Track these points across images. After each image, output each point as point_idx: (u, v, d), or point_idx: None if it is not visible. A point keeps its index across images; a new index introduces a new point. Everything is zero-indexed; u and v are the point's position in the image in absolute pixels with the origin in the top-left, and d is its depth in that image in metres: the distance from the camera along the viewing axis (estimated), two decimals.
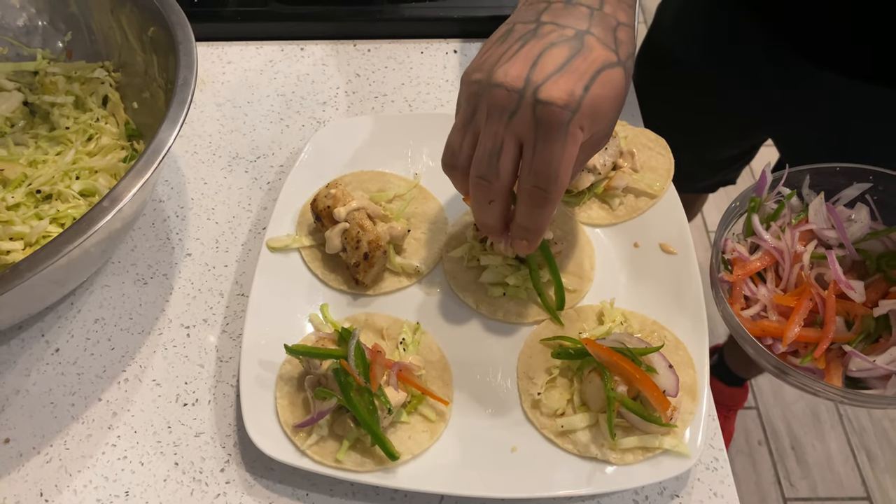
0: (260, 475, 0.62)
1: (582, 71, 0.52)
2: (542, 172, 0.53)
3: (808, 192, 0.69)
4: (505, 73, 0.52)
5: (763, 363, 0.62)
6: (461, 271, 0.71)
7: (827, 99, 0.89)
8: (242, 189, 0.81)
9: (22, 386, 0.67)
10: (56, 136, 0.78)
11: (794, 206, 0.69)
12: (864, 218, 0.66)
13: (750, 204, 0.68)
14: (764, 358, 0.61)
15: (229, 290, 0.73)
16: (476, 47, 0.95)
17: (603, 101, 0.52)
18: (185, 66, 0.66)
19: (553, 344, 0.66)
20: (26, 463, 0.62)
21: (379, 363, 0.59)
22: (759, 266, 0.65)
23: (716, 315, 0.67)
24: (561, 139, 0.51)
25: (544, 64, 0.52)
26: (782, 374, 0.60)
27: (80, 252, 0.58)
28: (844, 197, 0.68)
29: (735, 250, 0.66)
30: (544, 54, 0.52)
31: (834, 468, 1.79)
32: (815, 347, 0.60)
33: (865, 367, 0.58)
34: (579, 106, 0.51)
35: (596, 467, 0.59)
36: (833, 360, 0.61)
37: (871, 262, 0.64)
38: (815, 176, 0.68)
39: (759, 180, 0.67)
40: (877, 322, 0.61)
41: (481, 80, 0.54)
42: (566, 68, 0.52)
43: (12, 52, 0.82)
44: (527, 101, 0.51)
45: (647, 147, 0.79)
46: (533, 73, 0.51)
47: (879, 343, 0.61)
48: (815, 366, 0.60)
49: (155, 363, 0.68)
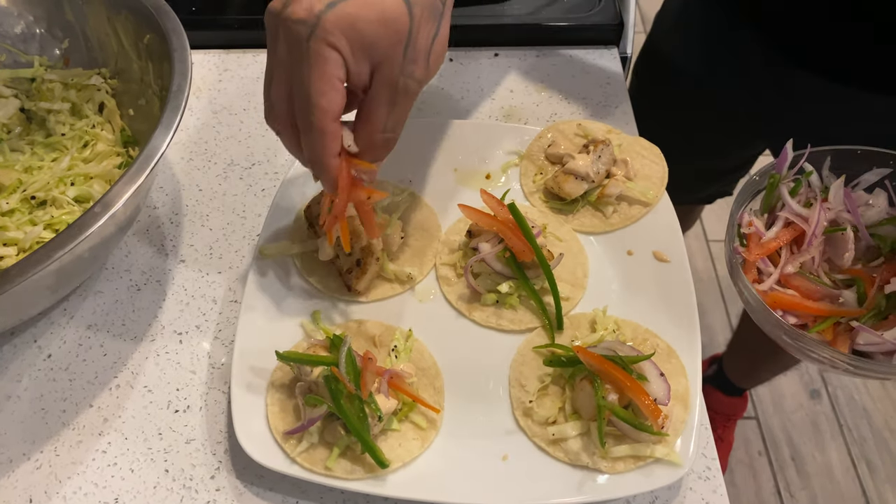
0: (250, 482, 0.61)
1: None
2: (298, 94, 0.52)
3: (828, 174, 0.70)
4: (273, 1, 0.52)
5: (775, 333, 0.62)
6: (454, 278, 0.71)
7: (825, 108, 0.89)
8: (237, 196, 0.81)
9: (13, 392, 0.67)
10: (52, 143, 0.78)
11: (814, 186, 0.70)
12: (882, 203, 0.67)
13: (769, 180, 0.68)
14: (776, 327, 0.61)
15: (222, 296, 0.73)
16: (472, 56, 0.96)
17: (357, 20, 0.50)
18: (179, 73, 0.67)
19: (545, 352, 0.65)
20: (16, 469, 0.62)
21: (370, 370, 0.59)
22: (777, 244, 0.66)
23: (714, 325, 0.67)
24: (305, 58, 0.51)
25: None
26: (794, 341, 0.60)
27: (72, 257, 0.58)
28: (864, 182, 0.69)
29: (752, 224, 0.67)
30: None
31: (834, 478, 1.78)
32: (826, 319, 0.62)
33: (873, 341, 0.60)
34: (319, 20, 0.50)
35: (587, 476, 0.59)
36: (841, 333, 0.62)
37: (886, 246, 0.66)
38: (836, 158, 0.69)
39: (780, 156, 0.68)
40: (887, 300, 0.62)
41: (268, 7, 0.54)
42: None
43: (10, 58, 0.83)
44: (281, 25, 0.51)
45: (640, 155, 0.79)
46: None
47: (889, 320, 0.62)
48: (823, 338, 0.62)
49: (147, 369, 0.68)
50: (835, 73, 0.84)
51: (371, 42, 0.52)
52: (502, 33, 0.97)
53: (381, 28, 0.52)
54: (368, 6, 0.51)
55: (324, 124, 0.53)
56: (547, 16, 0.97)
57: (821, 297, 0.64)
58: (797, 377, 1.93)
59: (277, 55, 0.53)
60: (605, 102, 0.90)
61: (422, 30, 0.54)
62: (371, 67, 0.54)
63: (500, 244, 0.68)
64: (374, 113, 0.56)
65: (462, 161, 0.80)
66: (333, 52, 0.51)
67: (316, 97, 0.52)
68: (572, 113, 0.89)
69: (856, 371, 0.59)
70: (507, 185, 0.79)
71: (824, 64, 0.85)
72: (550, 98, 0.90)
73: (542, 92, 0.91)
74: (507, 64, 0.95)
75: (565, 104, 0.90)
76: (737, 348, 1.65)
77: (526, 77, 0.93)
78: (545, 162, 0.79)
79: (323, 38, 0.50)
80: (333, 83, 0.52)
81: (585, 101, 0.90)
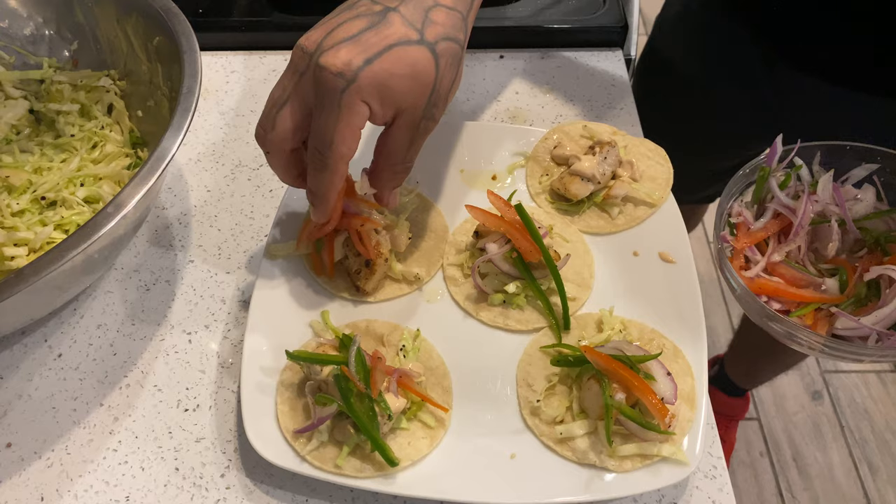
0: (260, 480, 0.62)
1: (371, 44, 0.53)
2: (319, 136, 0.55)
3: (818, 168, 0.71)
4: (307, 38, 0.55)
5: (759, 318, 0.65)
6: (461, 279, 0.72)
7: (826, 109, 0.89)
8: (245, 196, 0.82)
9: (24, 391, 0.67)
10: (61, 144, 0.79)
11: (804, 179, 0.71)
12: (870, 198, 0.69)
13: (759, 173, 0.70)
14: (759, 312, 0.64)
15: (231, 296, 0.74)
16: (477, 58, 0.96)
17: (390, 77, 0.53)
18: (189, 75, 0.67)
19: (552, 351, 0.66)
20: (28, 467, 0.63)
21: (379, 369, 0.59)
22: (765, 234, 0.68)
23: (716, 325, 0.69)
24: (335, 107, 0.53)
25: (338, 32, 0.54)
26: (775, 325, 0.63)
27: (84, 258, 0.58)
28: (853, 177, 0.71)
29: (741, 214, 0.69)
30: (343, 24, 0.54)
31: (836, 480, 1.78)
32: (808, 304, 0.65)
33: (850, 326, 0.62)
34: (356, 77, 0.52)
35: (594, 474, 0.59)
36: (821, 319, 0.64)
37: (871, 238, 0.68)
38: (826, 153, 0.71)
39: (770, 150, 0.70)
40: (868, 288, 0.65)
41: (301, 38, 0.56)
42: (355, 39, 0.53)
43: (19, 60, 0.84)
44: (312, 64, 0.53)
45: (646, 157, 0.80)
46: (326, 40, 0.54)
47: (867, 307, 0.64)
48: (804, 322, 0.64)
49: (157, 369, 0.69)
50: (835, 75, 0.85)
51: (400, 95, 0.55)
52: (507, 35, 0.97)
53: (411, 82, 0.55)
54: (401, 62, 0.54)
55: (337, 167, 0.57)
56: (551, 18, 0.97)
57: (805, 285, 0.66)
58: (798, 378, 1.94)
59: (300, 90, 0.55)
60: (609, 104, 0.90)
61: (445, 78, 0.57)
62: (395, 113, 0.57)
63: (507, 245, 0.69)
64: (395, 149, 0.60)
65: (468, 162, 0.81)
66: (364, 107, 0.54)
67: (338, 144, 0.55)
68: (577, 114, 0.89)
69: (831, 352, 0.62)
70: (514, 186, 0.79)
71: (824, 66, 0.85)
72: (555, 100, 0.91)
73: (548, 94, 0.92)
74: (512, 66, 0.95)
75: (570, 106, 0.90)
76: (738, 349, 1.65)
77: (531, 79, 0.94)
78: (551, 163, 0.80)
79: (357, 93, 0.53)
80: (356, 133, 0.56)
81: (590, 103, 0.90)
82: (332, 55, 0.53)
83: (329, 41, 0.53)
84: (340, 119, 0.54)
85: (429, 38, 0.55)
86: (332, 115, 0.54)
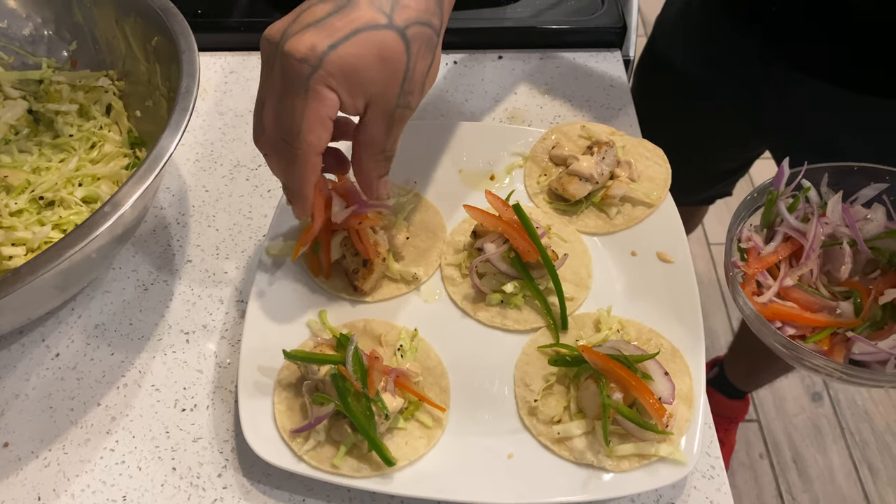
0: (257, 480, 0.62)
1: (335, 28, 0.51)
2: (285, 125, 0.53)
3: (826, 189, 0.71)
4: (272, 27, 0.53)
5: (773, 344, 0.63)
6: (459, 278, 0.72)
7: (825, 111, 0.89)
8: (243, 196, 0.82)
9: (21, 390, 0.67)
10: (60, 144, 0.79)
11: (812, 201, 0.70)
12: (881, 217, 0.68)
13: (767, 196, 0.69)
14: (774, 338, 0.62)
15: (229, 296, 0.74)
16: (476, 58, 0.97)
17: (357, 61, 0.51)
18: (187, 75, 0.67)
19: (550, 351, 0.66)
20: (25, 467, 0.63)
21: (377, 369, 0.59)
22: (776, 258, 0.67)
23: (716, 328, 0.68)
24: (301, 94, 0.51)
25: (303, 18, 0.52)
26: (790, 351, 0.61)
27: (81, 257, 0.58)
28: (862, 196, 0.70)
29: (751, 239, 0.68)
30: (309, 9, 0.52)
31: (836, 482, 1.78)
32: (823, 329, 0.63)
33: (867, 351, 0.61)
34: (320, 62, 0.50)
35: (592, 474, 0.59)
36: (837, 343, 0.63)
37: (884, 258, 0.67)
38: (834, 174, 0.70)
39: (777, 173, 0.69)
40: (883, 311, 0.63)
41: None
42: (321, 24, 0.51)
43: (18, 60, 0.84)
44: (278, 52, 0.52)
45: (644, 157, 0.80)
46: (291, 26, 0.52)
47: (884, 330, 0.63)
48: (820, 348, 0.63)
49: (154, 368, 0.69)
50: (834, 76, 0.85)
51: (369, 81, 0.53)
52: (506, 36, 0.97)
53: (380, 67, 0.52)
54: (368, 45, 0.51)
55: (307, 158, 0.55)
56: (550, 18, 0.97)
57: (819, 309, 0.65)
58: (799, 380, 1.94)
59: (271, 82, 0.54)
60: (608, 104, 0.90)
61: (418, 64, 0.54)
62: (366, 101, 0.55)
63: (504, 244, 0.69)
64: (371, 140, 0.58)
65: (467, 162, 0.81)
66: (331, 94, 0.52)
67: (305, 133, 0.53)
68: (576, 115, 0.89)
69: (849, 379, 0.60)
70: (512, 186, 0.79)
71: (824, 67, 0.85)
72: (554, 100, 0.91)
73: (546, 94, 0.92)
74: (510, 66, 0.95)
75: (569, 106, 0.90)
76: (738, 351, 1.65)
77: (530, 79, 0.94)
78: (549, 163, 0.80)
79: (323, 80, 0.51)
80: (325, 122, 0.53)
81: (589, 104, 0.90)
82: (296, 41, 0.50)
83: (294, 27, 0.51)
84: (307, 106, 0.52)
85: (398, 22, 0.52)
86: (297, 102, 0.52)
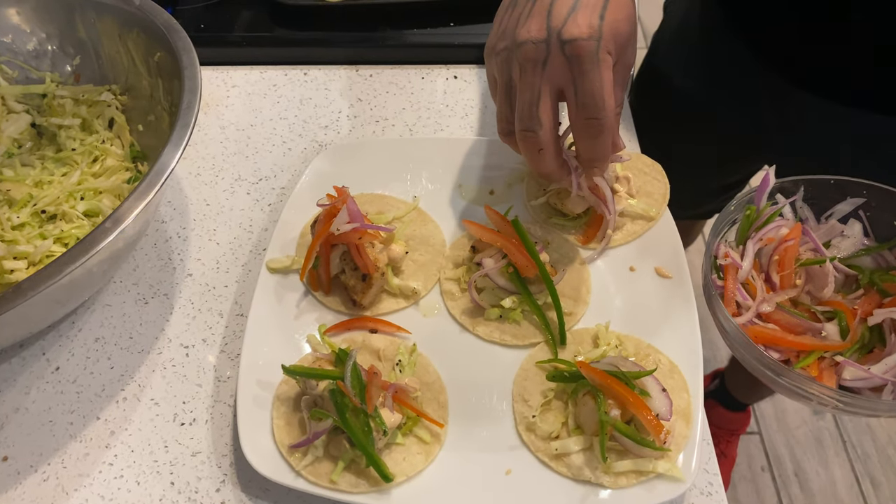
0: (255, 495, 0.62)
1: (593, 4, 0.56)
2: (589, 104, 0.57)
3: (802, 204, 0.70)
4: (528, 30, 0.57)
5: (758, 369, 0.61)
6: (458, 293, 0.72)
7: (824, 126, 0.89)
8: (244, 210, 0.82)
9: (21, 404, 0.67)
10: (62, 158, 0.80)
11: (786, 215, 0.70)
12: (857, 233, 0.68)
13: (746, 211, 0.69)
14: (760, 362, 0.60)
15: (229, 310, 0.74)
16: (476, 73, 0.97)
17: (619, 23, 0.57)
18: (189, 90, 0.68)
19: (548, 367, 0.66)
20: (24, 481, 0.63)
21: (375, 384, 0.59)
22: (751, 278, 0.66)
23: (716, 340, 0.67)
24: (595, 67, 0.56)
25: (558, 10, 0.57)
26: (779, 377, 0.59)
27: (83, 272, 0.58)
28: (838, 212, 0.69)
29: (728, 255, 0.67)
30: (555, 4, 0.57)
31: (838, 495, 1.77)
32: (809, 353, 0.61)
33: (860, 377, 0.59)
34: (601, 33, 0.56)
35: (590, 491, 0.59)
36: (826, 369, 0.61)
37: (864, 276, 0.66)
38: (810, 187, 0.69)
39: (760, 186, 0.68)
40: (871, 333, 0.62)
41: (507, 45, 0.59)
42: (578, 6, 0.56)
43: (22, 75, 0.84)
44: (554, 46, 0.56)
45: (642, 172, 0.80)
46: (551, 21, 0.56)
47: (873, 354, 0.62)
48: (808, 373, 0.61)
49: (154, 382, 0.69)
50: (833, 92, 0.85)
51: (624, 39, 0.59)
52: None
53: (629, 25, 0.59)
54: (620, 7, 0.58)
55: (614, 123, 0.60)
56: None
57: (803, 331, 0.63)
58: None
59: (550, 77, 0.58)
60: None
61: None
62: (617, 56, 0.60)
63: (503, 259, 0.69)
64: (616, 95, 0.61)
65: (466, 177, 0.81)
66: (609, 58, 0.58)
67: (608, 100, 0.57)
68: None
69: (845, 408, 0.57)
70: (511, 201, 0.79)
71: (823, 83, 0.85)
72: None
73: None
74: None
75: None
76: (739, 363, 1.65)
77: None
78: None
79: (605, 48, 0.57)
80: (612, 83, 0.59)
81: None
82: (573, 26, 0.56)
83: (556, 21, 0.56)
84: (603, 77, 0.56)
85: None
86: (595, 77, 0.56)
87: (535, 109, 0.58)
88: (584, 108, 0.58)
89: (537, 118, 0.59)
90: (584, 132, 0.59)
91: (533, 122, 0.59)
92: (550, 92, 0.58)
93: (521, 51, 0.57)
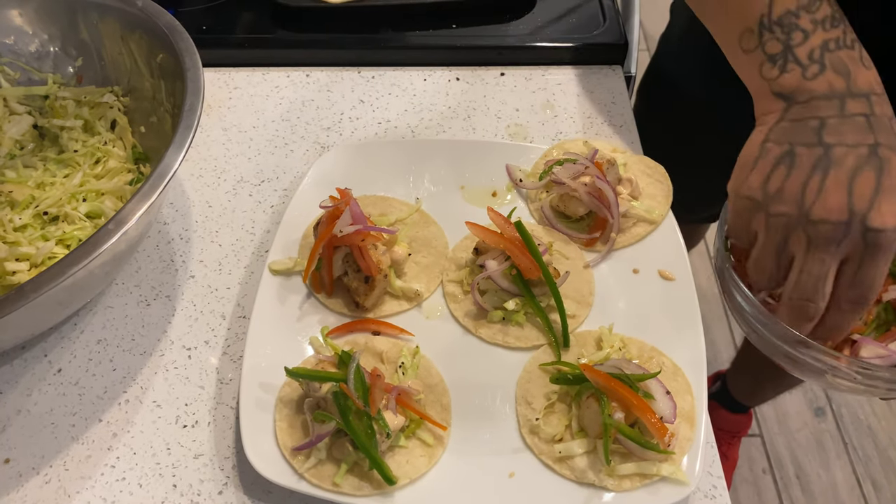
0: (258, 498, 0.62)
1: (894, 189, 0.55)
2: (864, 285, 0.56)
3: None
4: (826, 209, 0.55)
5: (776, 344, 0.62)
6: (461, 295, 0.72)
7: None
8: (246, 212, 0.82)
9: (23, 406, 0.67)
10: (64, 159, 0.79)
11: None
12: None
13: None
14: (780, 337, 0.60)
15: (231, 312, 0.74)
16: (478, 75, 0.97)
17: None
18: (192, 92, 0.68)
19: (551, 369, 0.66)
20: (25, 483, 0.63)
21: (378, 387, 0.59)
22: None
23: (718, 341, 0.66)
24: (883, 258, 0.55)
25: (860, 192, 0.55)
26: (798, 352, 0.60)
27: (85, 274, 0.58)
28: None
29: None
30: (855, 182, 0.55)
31: (839, 498, 1.76)
32: None
33: (879, 354, 0.59)
34: None
35: (593, 493, 0.59)
36: (841, 348, 0.61)
37: None
38: None
39: None
40: (886, 311, 0.62)
41: (791, 213, 0.57)
42: (881, 190, 0.54)
43: (24, 76, 0.84)
44: (856, 230, 0.55)
45: (645, 174, 0.80)
46: (854, 202, 0.55)
47: (891, 332, 0.62)
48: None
49: (156, 384, 0.69)
50: None
51: None
52: (508, 53, 0.98)
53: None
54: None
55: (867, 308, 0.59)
56: (552, 35, 0.98)
57: None
58: (802, 395, 1.93)
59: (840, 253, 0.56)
60: (609, 121, 0.91)
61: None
62: None
63: (506, 261, 0.69)
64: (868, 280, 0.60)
65: (469, 179, 0.81)
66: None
67: (879, 286, 0.57)
68: (577, 132, 0.90)
69: (867, 382, 0.58)
70: (514, 202, 0.79)
71: None
72: (556, 117, 0.91)
73: (548, 111, 0.92)
74: (512, 83, 0.96)
75: (570, 123, 0.91)
76: (741, 365, 1.65)
77: (531, 96, 0.94)
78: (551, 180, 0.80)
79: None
80: None
81: (590, 120, 0.91)
82: (877, 216, 0.54)
83: (859, 204, 0.54)
84: (887, 265, 0.56)
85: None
86: (881, 265, 0.56)
87: (821, 284, 0.57)
88: (858, 287, 0.57)
89: (822, 293, 0.58)
90: (848, 306, 0.58)
91: (817, 295, 0.58)
92: (834, 267, 0.57)
93: (816, 228, 0.56)
